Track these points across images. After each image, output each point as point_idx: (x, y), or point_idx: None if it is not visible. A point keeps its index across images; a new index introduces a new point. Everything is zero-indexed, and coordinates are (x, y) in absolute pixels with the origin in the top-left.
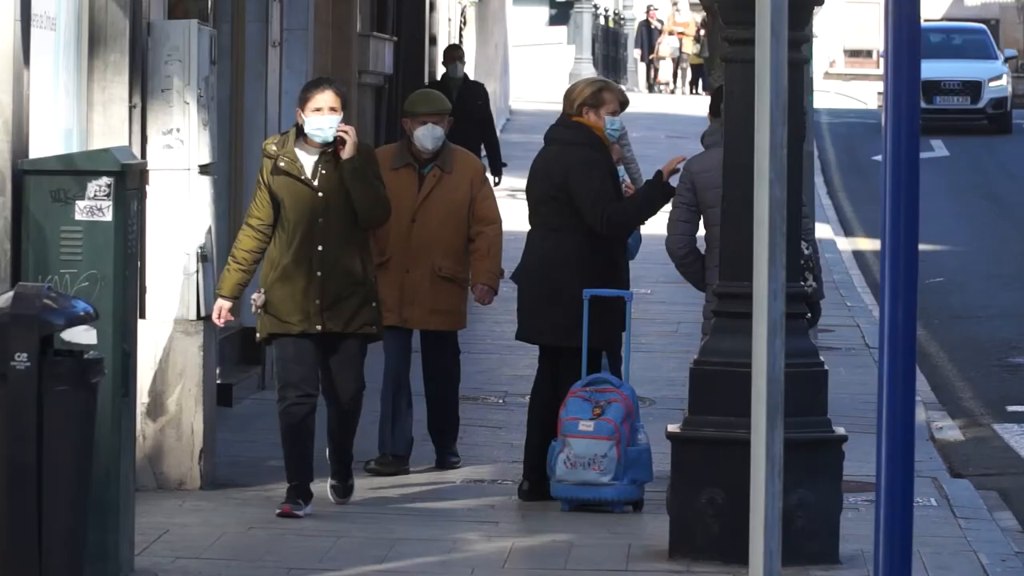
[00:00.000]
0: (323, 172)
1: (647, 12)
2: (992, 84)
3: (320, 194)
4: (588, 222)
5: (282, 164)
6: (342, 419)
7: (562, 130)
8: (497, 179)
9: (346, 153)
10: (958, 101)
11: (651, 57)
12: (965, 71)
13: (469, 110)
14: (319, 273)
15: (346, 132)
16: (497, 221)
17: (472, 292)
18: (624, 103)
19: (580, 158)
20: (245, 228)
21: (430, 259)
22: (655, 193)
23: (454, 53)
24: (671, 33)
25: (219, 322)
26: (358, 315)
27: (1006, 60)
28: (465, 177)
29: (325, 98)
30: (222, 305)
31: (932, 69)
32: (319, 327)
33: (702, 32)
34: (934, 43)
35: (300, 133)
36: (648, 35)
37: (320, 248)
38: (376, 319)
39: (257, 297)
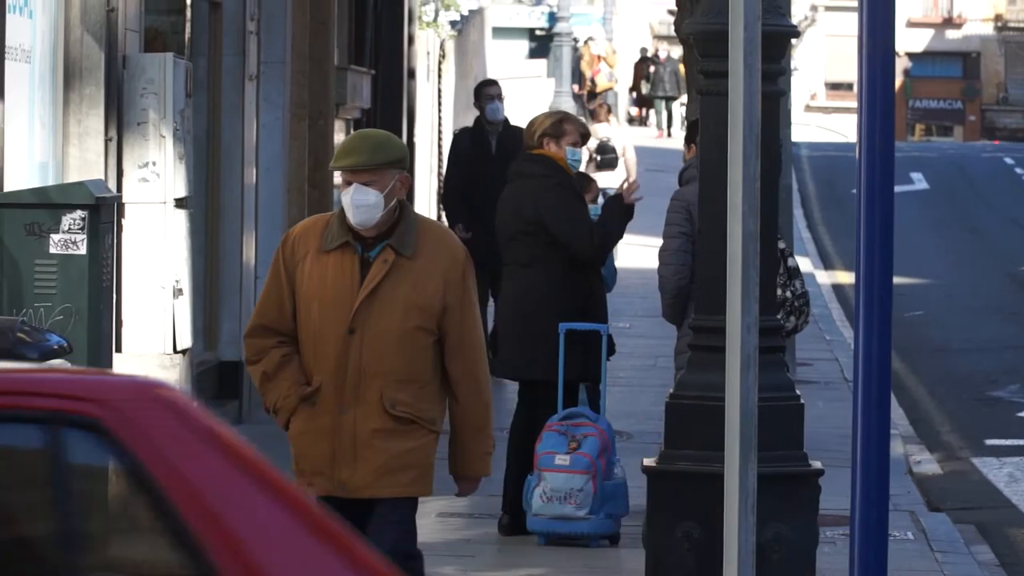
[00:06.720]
0: None
1: (586, 44)
2: None
3: None
4: (573, 250)
5: None
6: None
7: (525, 164)
8: None
9: None
10: None
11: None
12: None
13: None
14: None
15: None
16: (484, 356)
17: (455, 481)
18: (585, 136)
19: (548, 191)
20: None
21: (377, 391)
22: (623, 214)
23: (490, 90)
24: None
25: None
26: None
27: None
28: (436, 267)
29: None
30: None
31: None
32: None
33: (652, 69)
34: None
35: None
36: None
37: None
38: None
39: None
